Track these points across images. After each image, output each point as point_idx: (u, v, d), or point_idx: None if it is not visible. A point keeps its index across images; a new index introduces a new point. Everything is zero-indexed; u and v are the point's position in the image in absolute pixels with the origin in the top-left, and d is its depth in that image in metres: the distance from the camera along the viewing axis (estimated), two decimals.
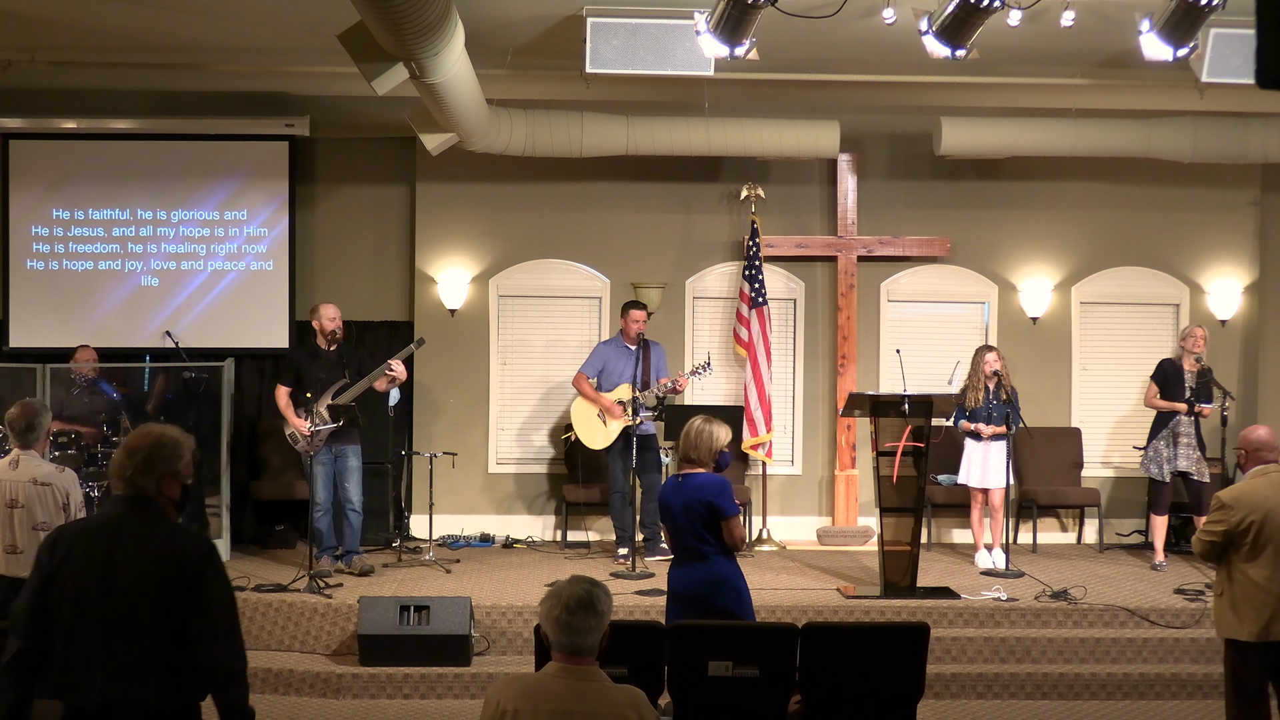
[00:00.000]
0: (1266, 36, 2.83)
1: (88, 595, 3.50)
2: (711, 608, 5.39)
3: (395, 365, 8.31)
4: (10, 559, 5.51)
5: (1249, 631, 5.31)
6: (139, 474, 3.60)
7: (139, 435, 3.69)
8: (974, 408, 8.64)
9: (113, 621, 3.47)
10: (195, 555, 3.54)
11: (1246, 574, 5.32)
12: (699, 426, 5.57)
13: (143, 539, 3.54)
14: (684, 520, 5.45)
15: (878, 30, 6.85)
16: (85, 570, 3.52)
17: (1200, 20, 6.28)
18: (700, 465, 5.53)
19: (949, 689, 7.14)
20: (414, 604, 7.23)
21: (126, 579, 3.49)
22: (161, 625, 3.48)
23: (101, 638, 3.47)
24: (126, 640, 3.47)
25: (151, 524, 3.58)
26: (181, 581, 3.49)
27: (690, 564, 5.49)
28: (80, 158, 9.93)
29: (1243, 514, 5.32)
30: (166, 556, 3.51)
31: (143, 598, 3.48)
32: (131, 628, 3.47)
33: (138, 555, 3.51)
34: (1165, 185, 10.06)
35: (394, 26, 5.92)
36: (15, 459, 5.59)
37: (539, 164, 9.54)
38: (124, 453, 3.63)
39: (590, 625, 3.46)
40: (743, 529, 5.57)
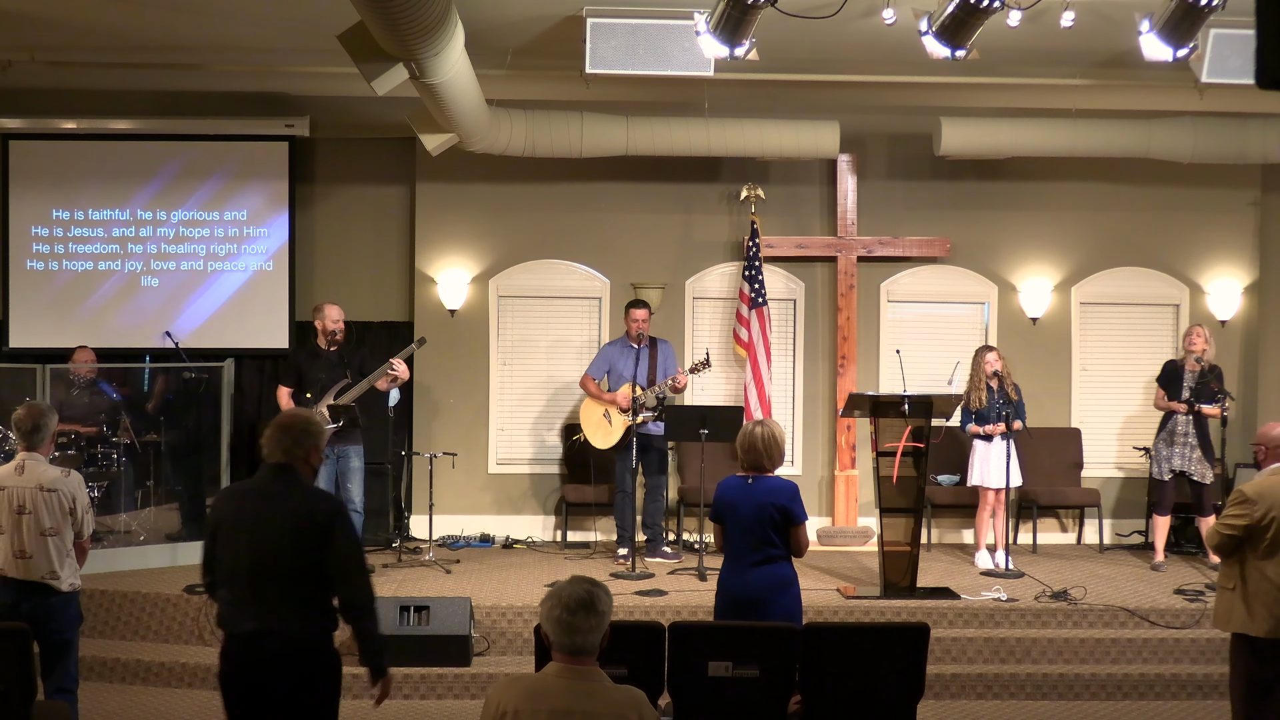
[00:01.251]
0: (1266, 36, 2.83)
1: (240, 545, 4.19)
2: (769, 610, 5.36)
3: (397, 364, 8.32)
4: (19, 563, 5.50)
5: (1261, 628, 5.31)
6: (293, 446, 4.29)
7: (292, 415, 4.42)
8: (979, 409, 8.64)
9: (260, 566, 4.15)
10: (326, 511, 4.21)
11: (1262, 570, 5.30)
12: (760, 432, 5.52)
13: (285, 498, 4.22)
14: (753, 522, 5.43)
15: (878, 30, 6.85)
16: (238, 524, 4.22)
17: (1200, 20, 6.28)
18: (768, 469, 5.51)
19: (949, 689, 7.14)
20: (414, 604, 7.23)
21: (271, 531, 4.16)
22: (299, 569, 4.15)
23: (251, 579, 4.16)
24: (271, 582, 4.14)
25: (292, 486, 4.25)
26: (315, 533, 4.15)
27: (752, 566, 5.46)
28: (80, 158, 9.93)
29: (1265, 508, 5.30)
30: (304, 513, 4.18)
31: (284, 547, 4.15)
32: (275, 571, 4.14)
33: (281, 512, 4.18)
34: (1165, 185, 10.06)
35: (394, 27, 5.92)
36: (21, 464, 5.58)
37: (539, 164, 9.54)
38: (277, 429, 4.30)
39: (591, 625, 3.47)
40: (808, 537, 5.57)
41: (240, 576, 4.20)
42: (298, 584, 4.16)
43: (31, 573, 5.49)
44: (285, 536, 4.16)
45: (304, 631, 4.18)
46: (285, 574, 4.15)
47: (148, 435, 9.03)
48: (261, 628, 4.14)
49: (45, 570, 5.51)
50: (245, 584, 4.18)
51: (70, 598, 5.63)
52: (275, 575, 4.15)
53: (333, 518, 4.20)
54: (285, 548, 4.16)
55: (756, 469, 5.53)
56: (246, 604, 4.17)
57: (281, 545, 4.16)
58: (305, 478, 4.32)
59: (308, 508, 4.20)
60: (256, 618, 4.15)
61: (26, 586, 5.50)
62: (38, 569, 5.50)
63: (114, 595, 7.80)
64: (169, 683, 7.22)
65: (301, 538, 4.16)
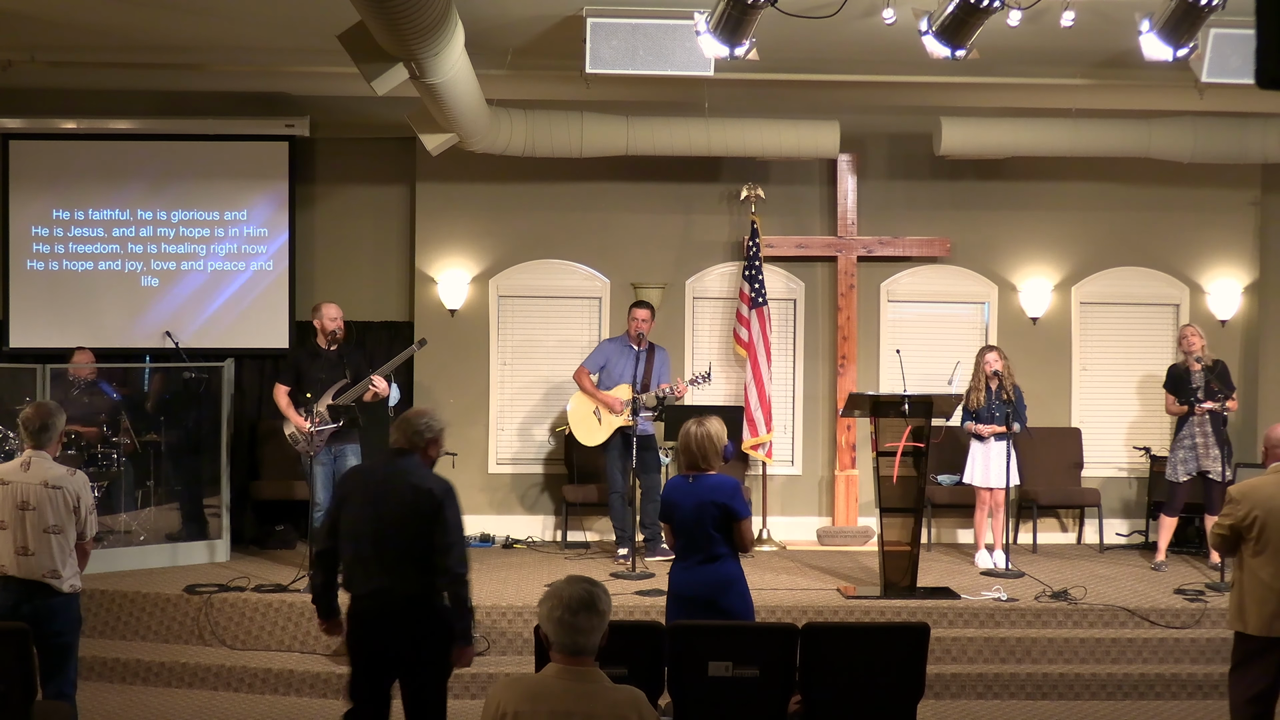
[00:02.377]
0: (1266, 36, 2.84)
1: (365, 515, 4.88)
2: (716, 609, 5.40)
3: (377, 381, 8.17)
4: (22, 560, 5.49)
5: (1253, 625, 5.37)
6: (415, 436, 5.00)
7: (417, 412, 5.10)
8: (977, 408, 8.65)
9: (382, 533, 4.84)
10: (439, 491, 4.87)
11: (1253, 569, 5.37)
12: (695, 431, 5.57)
13: (404, 477, 4.90)
14: (694, 521, 5.46)
15: (878, 30, 6.85)
16: (364, 498, 4.91)
17: (1200, 20, 6.28)
18: (711, 466, 5.53)
19: (949, 689, 7.14)
20: None
21: (392, 505, 4.84)
22: (413, 538, 4.81)
23: (373, 545, 4.85)
24: (391, 547, 4.82)
25: (411, 468, 4.94)
26: (428, 509, 4.82)
27: (697, 565, 5.50)
28: (80, 158, 9.93)
29: (1248, 508, 5.37)
30: (421, 490, 4.85)
31: (402, 518, 4.82)
32: (394, 538, 4.82)
33: (400, 488, 4.86)
34: (1165, 185, 10.06)
35: (394, 26, 5.92)
36: (27, 460, 5.57)
37: (539, 164, 9.54)
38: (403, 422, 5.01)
39: (591, 625, 3.47)
40: (753, 531, 5.57)
41: (365, 542, 4.88)
42: (412, 549, 4.82)
43: (33, 570, 5.48)
44: (404, 509, 4.84)
45: (418, 590, 4.84)
46: (402, 540, 4.82)
47: (148, 435, 9.03)
48: (382, 586, 4.82)
49: (47, 568, 5.50)
50: (369, 548, 4.86)
51: (71, 599, 5.62)
52: (394, 541, 4.83)
53: (444, 497, 4.86)
54: (403, 519, 4.83)
55: (694, 468, 5.57)
56: (370, 565, 4.86)
57: (400, 516, 4.84)
58: (425, 462, 5.00)
59: (425, 486, 4.88)
60: (378, 577, 4.83)
61: (27, 587, 5.49)
62: (40, 566, 5.49)
63: (114, 595, 7.80)
64: (169, 683, 7.22)
65: (416, 511, 4.83)
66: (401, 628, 4.85)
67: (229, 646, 7.51)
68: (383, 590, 4.84)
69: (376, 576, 4.85)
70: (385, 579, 4.84)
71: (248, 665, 7.21)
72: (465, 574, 4.88)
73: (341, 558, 4.99)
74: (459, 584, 4.87)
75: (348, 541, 4.95)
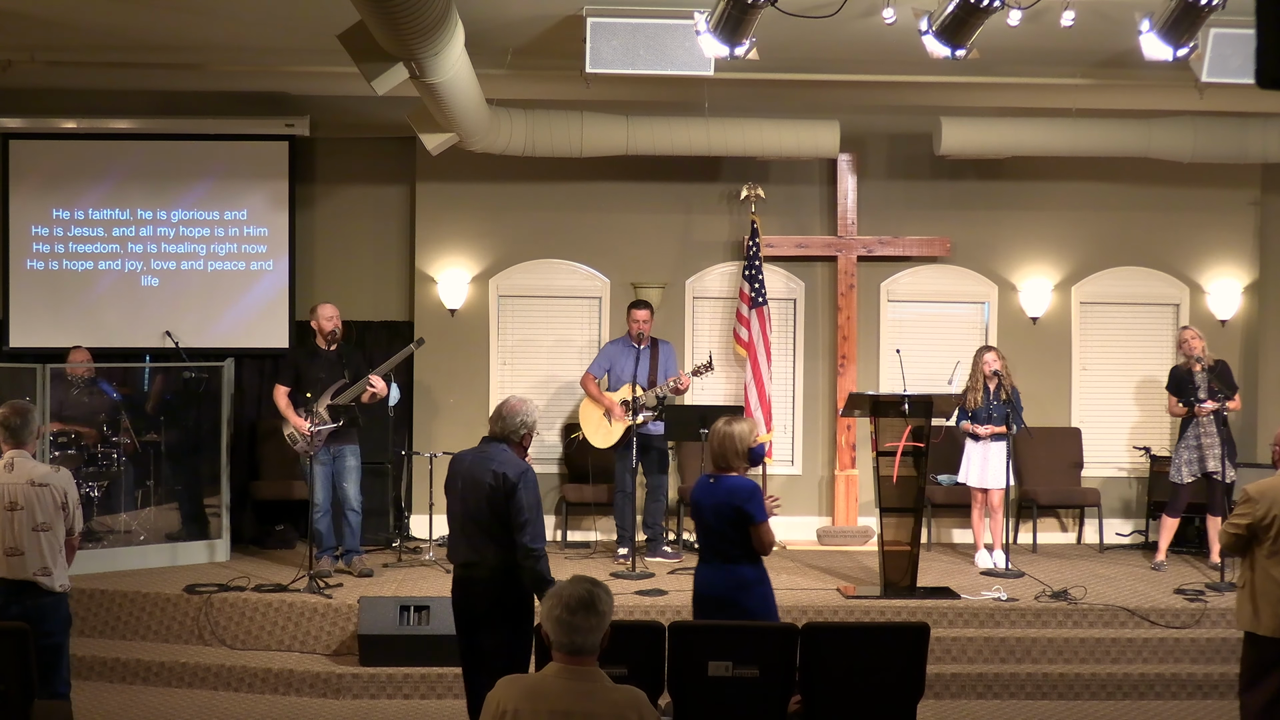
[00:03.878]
0: (1266, 36, 2.84)
1: (457, 495, 5.49)
2: (737, 608, 5.40)
3: (375, 381, 8.21)
4: (11, 561, 5.49)
5: (1267, 627, 5.32)
6: (505, 426, 5.48)
7: (513, 409, 5.50)
8: (974, 408, 8.65)
9: (471, 513, 5.42)
10: (513, 475, 5.33)
11: (1267, 570, 5.32)
12: (721, 429, 5.59)
13: (489, 463, 5.40)
14: (713, 521, 5.48)
15: (878, 30, 6.85)
16: (455, 479, 5.52)
17: (1200, 20, 6.28)
18: (732, 468, 5.54)
19: (949, 689, 7.14)
20: (414, 604, 7.24)
21: (479, 487, 5.38)
22: (493, 516, 5.34)
23: (462, 524, 5.48)
24: (477, 525, 5.39)
25: (495, 454, 5.43)
26: (505, 491, 5.32)
27: (716, 565, 5.53)
28: (80, 158, 9.92)
29: (1266, 507, 5.32)
30: (499, 475, 5.35)
31: (484, 498, 5.36)
32: (479, 517, 5.38)
33: (484, 473, 5.38)
34: (1165, 185, 10.06)
35: (394, 26, 5.92)
36: (10, 461, 5.57)
37: (539, 164, 9.54)
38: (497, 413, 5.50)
39: (591, 625, 3.47)
40: (772, 535, 5.52)
41: (457, 520, 5.52)
42: (492, 527, 5.34)
43: (23, 570, 5.48)
44: (485, 491, 5.34)
45: (499, 562, 5.34)
46: (484, 519, 5.36)
47: (148, 435, 9.03)
48: (471, 559, 5.42)
49: (37, 566, 5.50)
50: (459, 526, 5.50)
51: (61, 599, 5.62)
52: (478, 520, 5.38)
53: (519, 480, 5.34)
54: (484, 499, 5.35)
55: (718, 469, 5.59)
56: (462, 541, 5.48)
57: (481, 498, 5.36)
58: (513, 451, 5.46)
59: (502, 471, 5.35)
60: (468, 551, 5.44)
61: (17, 587, 5.49)
62: (30, 565, 5.49)
63: (114, 595, 7.79)
64: (169, 683, 7.22)
65: (495, 493, 5.33)
66: (487, 594, 5.36)
67: (229, 646, 7.50)
68: (472, 563, 5.42)
69: (466, 550, 5.45)
70: (473, 553, 5.41)
71: (248, 665, 7.21)
72: (539, 549, 5.35)
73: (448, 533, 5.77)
74: (531, 559, 5.32)
75: (450, 520, 5.63)
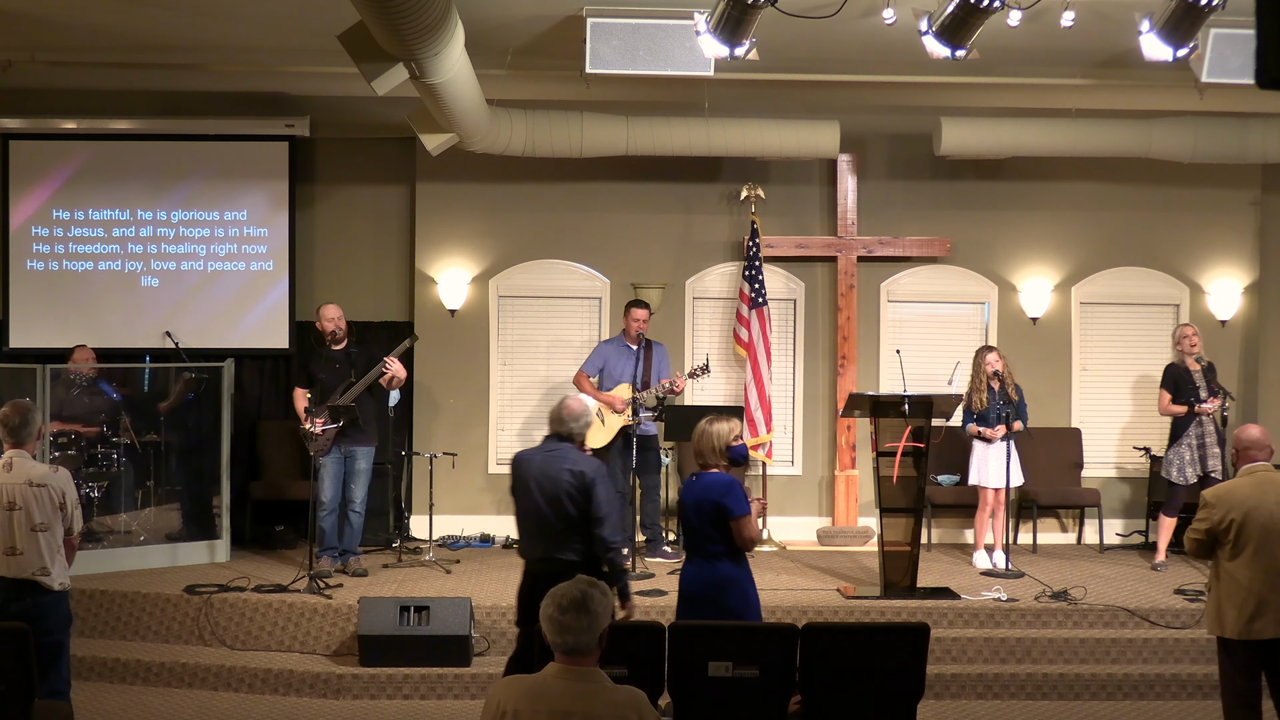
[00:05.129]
0: (1266, 36, 2.84)
1: (532, 492, 5.61)
2: (719, 607, 5.43)
3: (391, 363, 8.32)
4: (11, 560, 5.49)
5: (1232, 629, 5.37)
6: (572, 434, 5.68)
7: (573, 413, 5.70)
8: (980, 409, 8.64)
9: (546, 510, 5.56)
10: (591, 472, 5.59)
11: (1230, 572, 5.39)
12: (701, 428, 5.67)
13: (564, 461, 5.59)
14: (694, 518, 5.53)
15: (878, 30, 6.84)
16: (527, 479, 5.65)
17: (1200, 20, 6.28)
18: (711, 465, 5.56)
19: (949, 689, 7.14)
20: (414, 604, 7.23)
21: (556, 484, 5.54)
22: (568, 512, 5.53)
23: (537, 520, 5.61)
24: (552, 521, 5.56)
25: (569, 453, 5.64)
26: (583, 488, 5.52)
27: (698, 563, 5.57)
28: (80, 158, 9.93)
29: (1223, 512, 5.38)
30: (576, 472, 5.55)
31: (561, 495, 5.54)
32: (556, 513, 5.55)
33: (562, 471, 5.54)
34: (1165, 185, 10.05)
35: (394, 26, 5.92)
36: (9, 461, 5.57)
37: (539, 164, 9.53)
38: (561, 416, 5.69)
39: (582, 625, 3.45)
40: (754, 529, 5.57)
41: (531, 518, 5.63)
42: (569, 523, 5.51)
43: (22, 569, 5.49)
44: (563, 489, 5.51)
45: (576, 557, 5.50)
46: (561, 516, 5.52)
47: (148, 435, 9.02)
48: (547, 554, 5.56)
49: (36, 566, 5.51)
50: (534, 523, 5.62)
51: (61, 597, 5.62)
52: (555, 516, 5.53)
53: (596, 476, 5.57)
54: (563, 496, 5.52)
55: (700, 467, 5.66)
56: (535, 537, 5.63)
57: (560, 494, 5.52)
58: (579, 448, 5.69)
59: (580, 469, 5.57)
60: (544, 546, 5.59)
61: (16, 586, 5.49)
62: (29, 565, 5.50)
63: (114, 595, 7.79)
64: (169, 683, 7.22)
65: (573, 490, 5.51)
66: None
67: (229, 646, 7.50)
68: (548, 558, 5.54)
69: (542, 546, 5.60)
70: (550, 548, 5.56)
71: (248, 665, 7.21)
72: (617, 540, 5.60)
73: (518, 530, 5.84)
74: (613, 551, 5.55)
75: (520, 517, 5.73)
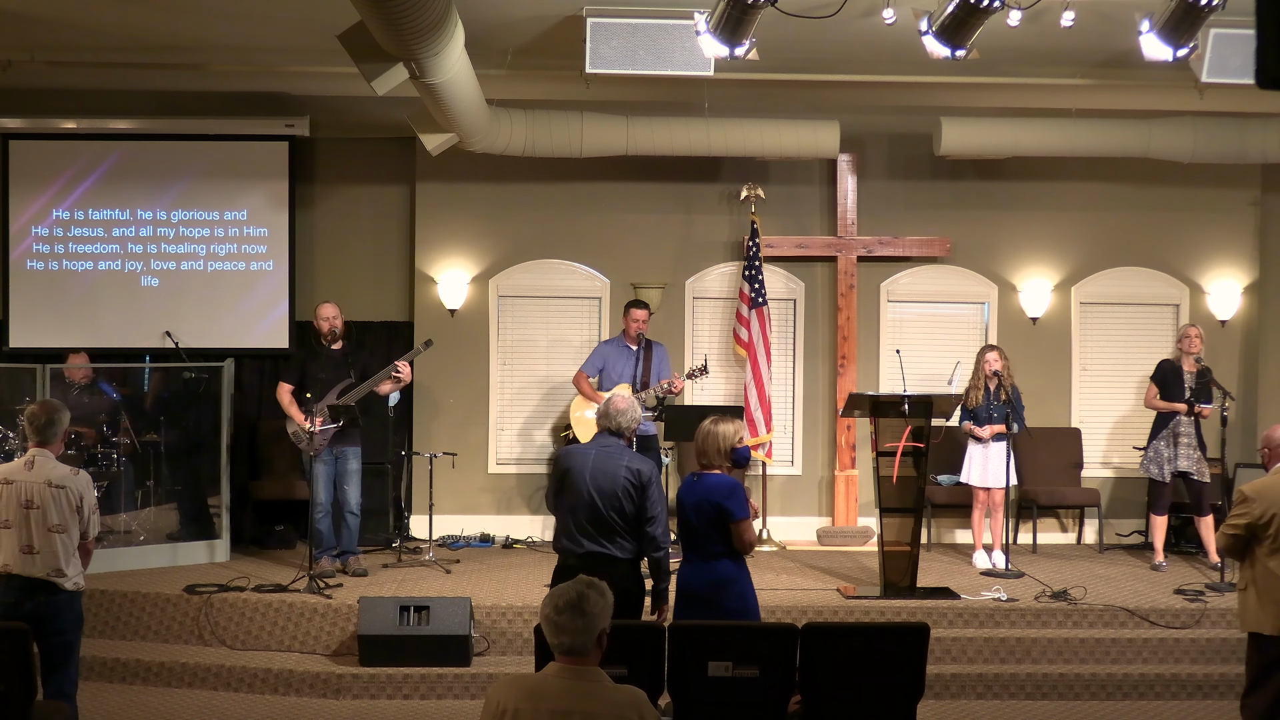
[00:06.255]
0: (1266, 36, 2.84)
1: (583, 487, 5.55)
2: (718, 607, 5.44)
3: (402, 368, 8.31)
4: (26, 559, 5.50)
5: (1272, 625, 5.33)
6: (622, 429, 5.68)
7: (619, 409, 5.67)
8: (975, 407, 8.66)
9: (600, 505, 5.52)
10: (646, 471, 5.56)
11: (1269, 568, 5.33)
12: (705, 428, 5.66)
13: (622, 458, 5.59)
14: (694, 519, 5.52)
15: (878, 30, 6.84)
16: (581, 473, 5.58)
17: (1200, 20, 6.28)
18: (714, 466, 5.55)
19: (949, 689, 7.14)
20: (414, 604, 7.23)
21: (613, 480, 5.53)
22: (622, 508, 5.52)
23: (588, 514, 5.55)
24: (603, 516, 5.52)
25: (624, 451, 5.66)
26: (638, 484, 5.52)
27: (697, 563, 5.56)
28: (80, 158, 9.92)
29: (1264, 507, 5.34)
30: (632, 470, 5.54)
31: (620, 493, 5.52)
32: (606, 509, 5.52)
33: (619, 467, 5.55)
34: (1165, 185, 10.05)
35: (394, 26, 5.92)
36: (31, 460, 5.57)
37: (539, 164, 9.54)
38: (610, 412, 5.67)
39: (578, 626, 3.45)
40: (754, 533, 5.57)
41: (579, 513, 5.56)
42: (623, 519, 5.52)
43: (38, 569, 5.49)
44: (620, 485, 5.51)
45: (626, 554, 5.55)
46: (615, 512, 5.52)
47: (148, 435, 9.03)
48: (597, 550, 5.52)
49: (51, 567, 5.51)
50: (585, 517, 5.55)
51: (74, 597, 5.63)
52: (610, 511, 5.51)
53: (652, 475, 5.56)
54: (620, 493, 5.51)
55: (702, 467, 5.66)
56: (583, 533, 5.55)
57: (617, 491, 5.50)
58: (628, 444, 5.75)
59: (635, 466, 5.56)
60: (594, 543, 5.53)
61: (30, 585, 5.49)
62: (44, 564, 5.50)
63: (114, 595, 7.80)
64: (169, 683, 7.22)
65: (631, 487, 5.51)
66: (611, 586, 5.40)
67: (229, 646, 7.50)
68: (597, 554, 5.50)
69: (592, 542, 5.53)
70: (600, 544, 5.52)
71: (248, 665, 7.21)
72: (665, 538, 5.60)
73: (558, 524, 5.71)
74: (657, 549, 5.55)
75: (568, 511, 5.62)
